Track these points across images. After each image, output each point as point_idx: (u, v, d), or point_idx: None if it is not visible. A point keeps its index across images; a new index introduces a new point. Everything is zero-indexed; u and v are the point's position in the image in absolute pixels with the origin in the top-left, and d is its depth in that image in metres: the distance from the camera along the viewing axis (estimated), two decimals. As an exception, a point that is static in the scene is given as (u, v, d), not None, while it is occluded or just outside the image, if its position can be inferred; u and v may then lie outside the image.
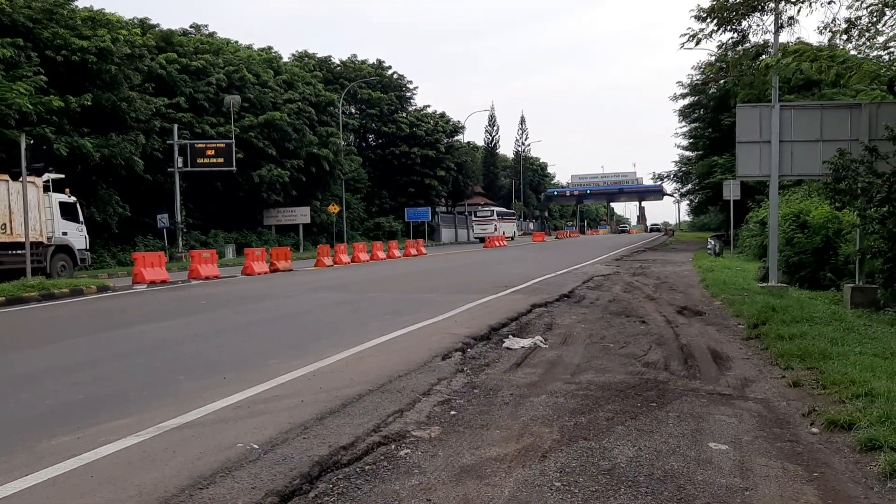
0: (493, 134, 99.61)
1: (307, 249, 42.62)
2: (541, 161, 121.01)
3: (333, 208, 46.22)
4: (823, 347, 7.68)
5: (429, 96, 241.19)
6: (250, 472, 4.55)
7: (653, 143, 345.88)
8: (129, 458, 4.84)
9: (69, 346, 9.81)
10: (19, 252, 19.69)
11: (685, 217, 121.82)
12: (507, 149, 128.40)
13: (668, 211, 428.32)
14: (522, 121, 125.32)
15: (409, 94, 71.16)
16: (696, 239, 60.62)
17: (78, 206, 23.40)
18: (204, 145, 36.72)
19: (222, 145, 36.88)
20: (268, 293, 16.97)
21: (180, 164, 35.40)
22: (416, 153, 65.07)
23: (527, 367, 7.71)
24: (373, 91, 63.87)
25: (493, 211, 71.51)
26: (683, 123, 52.24)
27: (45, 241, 21.11)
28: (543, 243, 56.45)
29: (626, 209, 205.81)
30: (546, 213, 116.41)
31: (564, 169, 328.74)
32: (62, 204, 22.34)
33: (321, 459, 4.75)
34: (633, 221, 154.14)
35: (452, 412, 5.92)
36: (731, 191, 29.20)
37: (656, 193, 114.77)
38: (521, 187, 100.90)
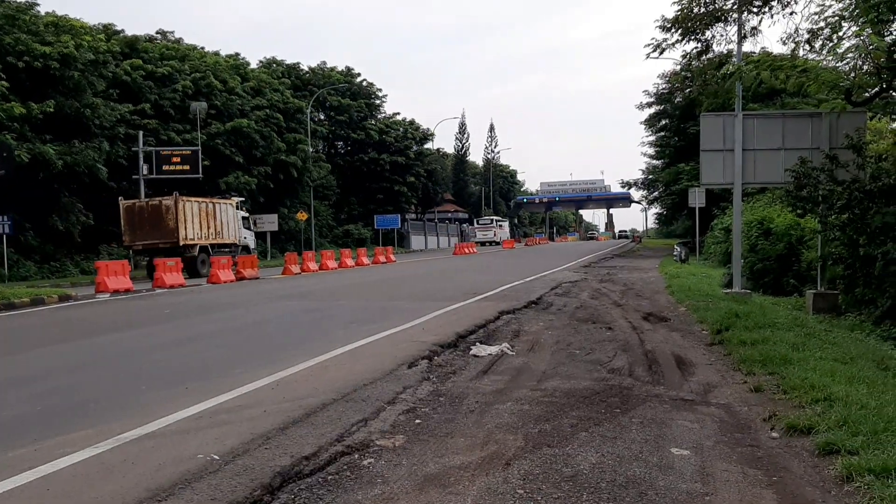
0: (464, 141, 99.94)
1: (274, 257, 42.29)
2: (510, 168, 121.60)
3: (301, 216, 45.96)
4: (785, 353, 7.80)
5: (398, 103, 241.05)
6: (210, 483, 4.49)
7: (621, 151, 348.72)
8: (86, 471, 4.75)
9: (27, 357, 9.61)
10: (226, 249, 29.68)
11: (652, 224, 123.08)
12: (476, 156, 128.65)
13: (636, 218, 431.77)
14: (492, 128, 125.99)
15: (378, 101, 71.01)
16: (662, 246, 61.23)
17: (250, 218, 34.83)
18: (169, 152, 36.27)
19: (188, 152, 36.47)
20: (233, 301, 16.81)
21: (145, 172, 34.92)
22: (386, 160, 64.99)
23: (493, 375, 7.72)
24: (342, 98, 63.68)
25: (493, 220, 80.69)
26: (650, 132, 52.94)
27: (237, 242, 31.17)
28: (513, 250, 56.64)
29: (594, 216, 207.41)
30: (515, 221, 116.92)
31: (534, 176, 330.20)
32: (243, 218, 32.73)
33: (283, 470, 4.71)
34: (602, 228, 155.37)
35: (417, 421, 5.91)
36: (697, 198, 29.55)
37: (624, 201, 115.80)
38: (490, 194, 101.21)
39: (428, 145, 74.88)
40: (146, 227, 27.10)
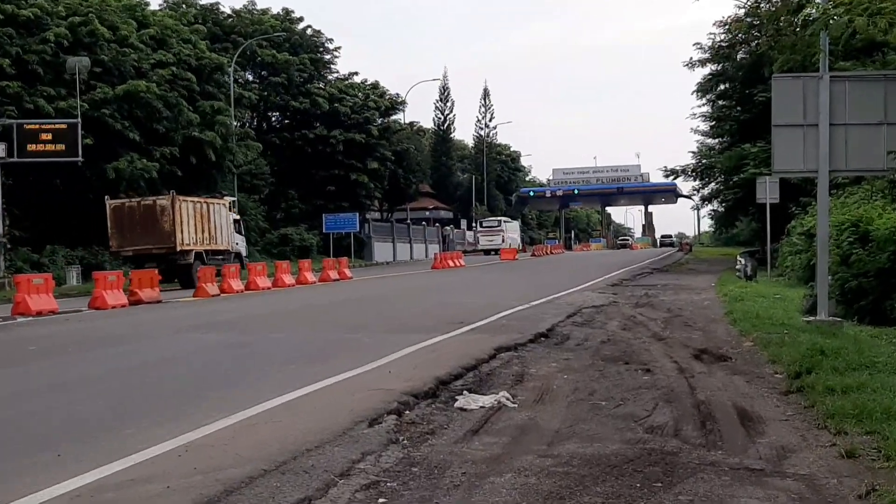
0: (446, 112, 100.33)
1: (184, 272, 42.12)
2: (511, 150, 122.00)
3: (222, 215, 45.79)
4: (888, 404, 7.83)
5: (356, 60, 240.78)
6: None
7: (663, 128, 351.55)
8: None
9: None
10: (219, 257, 35.42)
11: (707, 227, 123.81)
12: (465, 132, 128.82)
13: (685, 218, 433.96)
14: (486, 95, 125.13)
15: (328, 56, 71.18)
16: (720, 256, 61.58)
17: (241, 222, 41.26)
18: (37, 127, 36.09)
19: (63, 127, 36.29)
20: (125, 334, 16.74)
21: (3, 153, 34.71)
22: (339, 137, 64.93)
23: (487, 436, 7.72)
24: (278, 52, 63.67)
25: (499, 221, 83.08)
26: (703, 101, 53.14)
27: (230, 248, 37.09)
28: (514, 262, 56.74)
29: (627, 216, 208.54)
30: (519, 221, 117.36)
31: (543, 161, 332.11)
32: (234, 220, 38.55)
33: (193, 570, 4.67)
34: (638, 233, 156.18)
35: (381, 500, 5.90)
36: (767, 191, 29.68)
37: (668, 194, 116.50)
38: (484, 185, 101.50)
39: (397, 117, 75.12)
40: (137, 231, 32.71)
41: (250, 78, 65.02)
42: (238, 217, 40.45)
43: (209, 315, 20.49)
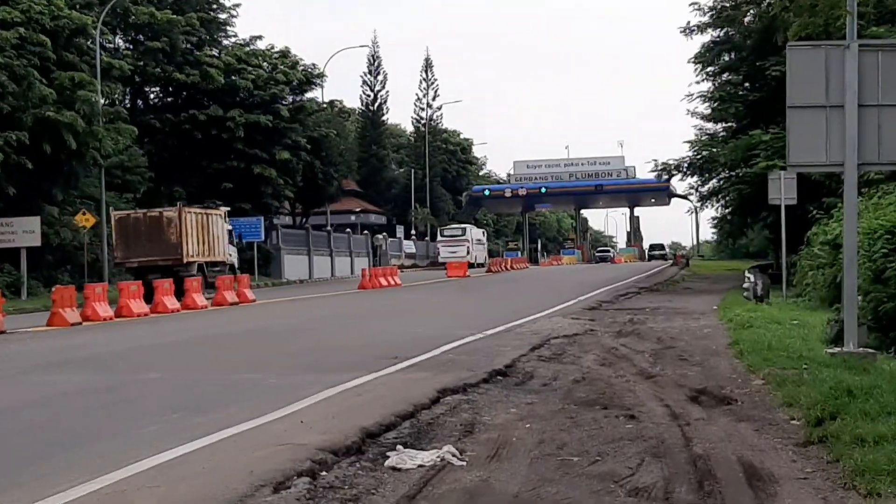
0: (377, 88, 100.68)
1: (35, 294, 41.81)
2: (461, 136, 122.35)
3: (85, 219, 45.32)
4: (931, 458, 7.95)
5: (261, 22, 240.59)
6: None
7: (653, 110, 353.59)
8: None
9: None
10: (216, 268, 43.52)
11: (709, 235, 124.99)
12: (402, 114, 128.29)
13: (680, 224, 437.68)
14: (428, 66, 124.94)
15: (224, 15, 70.93)
16: (724, 272, 62.16)
17: (233, 232, 49.60)
18: None
19: None
20: (-42, 375, 16.51)
21: None
22: (238, 120, 64.50)
23: (426, 502, 7.72)
24: (157, 10, 63.18)
25: (464, 229, 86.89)
26: (702, 76, 53.38)
27: (226, 260, 45.55)
28: (465, 280, 56.80)
29: (608, 221, 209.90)
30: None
31: (502, 150, 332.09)
32: (227, 231, 46.87)
33: None
34: (621, 242, 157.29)
35: (288, 587, 5.88)
36: (782, 189, 29.98)
37: (658, 193, 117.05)
38: (427, 182, 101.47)
39: (314, 94, 74.91)
40: (142, 242, 40.20)
41: (122, 43, 64.44)
42: (231, 228, 48.61)
43: (67, 350, 20.29)
